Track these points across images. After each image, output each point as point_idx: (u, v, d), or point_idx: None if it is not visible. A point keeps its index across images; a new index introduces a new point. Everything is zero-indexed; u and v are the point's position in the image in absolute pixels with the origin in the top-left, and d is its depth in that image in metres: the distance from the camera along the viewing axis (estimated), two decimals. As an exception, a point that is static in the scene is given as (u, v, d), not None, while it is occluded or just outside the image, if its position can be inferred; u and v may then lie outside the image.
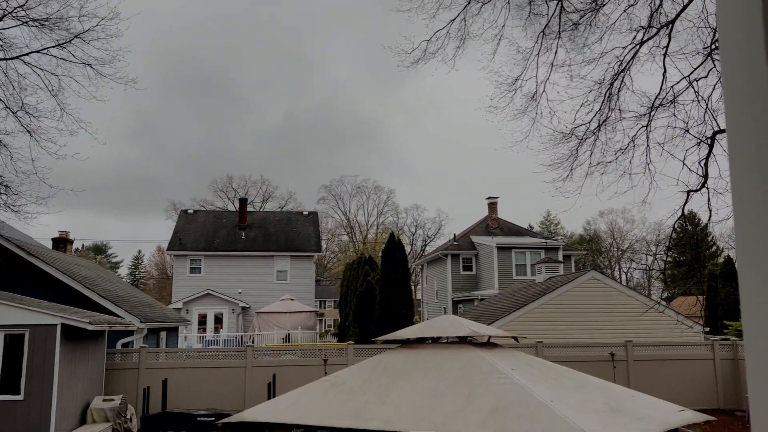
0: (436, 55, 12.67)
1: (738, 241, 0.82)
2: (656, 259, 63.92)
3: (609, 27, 12.17)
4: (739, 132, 0.83)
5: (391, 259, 26.15)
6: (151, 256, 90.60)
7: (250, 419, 4.96)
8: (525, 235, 42.41)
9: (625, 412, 4.30)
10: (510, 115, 13.63)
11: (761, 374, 0.77)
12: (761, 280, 0.77)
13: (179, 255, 39.92)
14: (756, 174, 0.80)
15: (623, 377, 16.49)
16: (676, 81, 11.89)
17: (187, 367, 15.90)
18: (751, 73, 0.80)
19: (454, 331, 5.52)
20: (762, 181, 0.79)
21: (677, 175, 15.91)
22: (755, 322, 0.79)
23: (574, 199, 16.02)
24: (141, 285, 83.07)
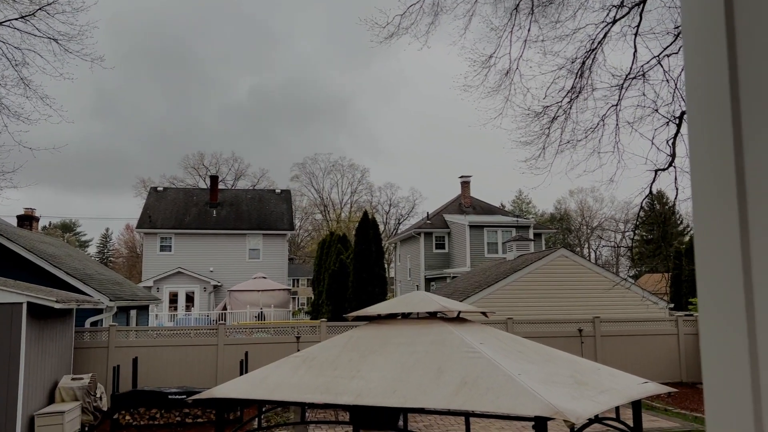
0: (409, 31, 12.57)
1: (695, 221, 0.83)
2: (624, 237, 65.13)
3: (582, 4, 12.21)
4: (698, 113, 0.84)
5: (365, 237, 26.17)
6: (120, 234, 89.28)
7: (220, 396, 4.96)
8: (497, 213, 42.81)
9: (590, 385, 4.42)
10: (484, 93, 13.66)
11: (714, 352, 0.79)
12: (716, 260, 0.79)
13: (149, 233, 39.39)
14: (712, 157, 0.81)
15: (591, 352, 16.88)
16: (646, 60, 12.02)
17: (158, 345, 15.79)
18: (710, 57, 0.81)
19: (424, 306, 5.58)
20: (718, 163, 0.80)
21: (646, 153, 16.16)
22: (710, 302, 0.81)
23: (544, 177, 16.18)
24: (110, 263, 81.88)
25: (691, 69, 0.86)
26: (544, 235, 40.20)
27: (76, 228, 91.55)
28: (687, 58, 0.88)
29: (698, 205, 0.83)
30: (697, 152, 0.83)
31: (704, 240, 0.82)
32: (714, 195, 0.82)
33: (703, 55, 0.84)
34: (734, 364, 0.76)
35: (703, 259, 0.82)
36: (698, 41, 0.84)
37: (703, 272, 0.82)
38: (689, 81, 0.87)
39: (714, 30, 0.81)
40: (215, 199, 42.36)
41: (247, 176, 73.93)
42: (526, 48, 12.54)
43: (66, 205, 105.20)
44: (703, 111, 0.83)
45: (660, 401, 15.00)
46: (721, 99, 0.80)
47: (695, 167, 0.84)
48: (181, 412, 13.06)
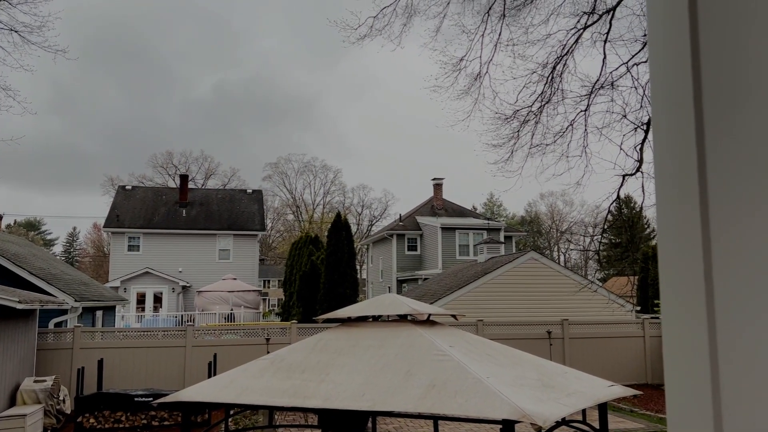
0: (382, 32, 12.57)
1: (659, 226, 0.84)
2: (593, 240, 66.20)
3: (553, 10, 12.37)
4: (662, 120, 0.85)
5: (337, 238, 26.10)
6: (87, 233, 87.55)
7: (186, 399, 4.88)
8: (468, 216, 43.11)
9: (558, 388, 4.46)
10: (454, 95, 13.75)
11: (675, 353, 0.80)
12: (678, 262, 0.79)
13: (117, 232, 38.69)
14: (674, 162, 0.82)
15: (559, 354, 17.09)
16: (615, 67, 12.24)
17: (124, 347, 15.50)
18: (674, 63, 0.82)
19: (394, 309, 5.58)
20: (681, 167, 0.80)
21: (615, 159, 16.43)
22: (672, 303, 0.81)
23: (515, 180, 16.33)
24: (76, 263, 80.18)
25: (656, 76, 0.87)
26: (514, 238, 40.61)
27: (41, 226, 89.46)
28: (652, 65, 0.88)
29: (662, 209, 0.84)
30: (661, 158, 0.84)
31: (667, 243, 0.83)
32: (676, 199, 0.82)
33: (668, 63, 0.84)
34: (695, 365, 0.76)
35: (666, 262, 0.82)
36: (663, 49, 0.85)
37: (666, 274, 0.83)
38: (654, 87, 0.88)
39: (678, 38, 0.82)
40: (185, 198, 41.80)
41: (217, 175, 73.21)
42: (497, 52, 12.67)
43: (25, 202, 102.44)
44: (667, 116, 0.84)
45: (626, 403, 15.25)
46: (685, 106, 0.81)
47: (659, 171, 0.85)
48: (147, 415, 12.83)
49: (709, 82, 0.79)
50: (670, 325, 0.80)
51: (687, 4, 0.81)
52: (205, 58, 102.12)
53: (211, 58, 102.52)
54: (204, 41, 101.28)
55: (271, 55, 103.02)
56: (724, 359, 0.74)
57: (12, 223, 78.48)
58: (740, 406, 0.70)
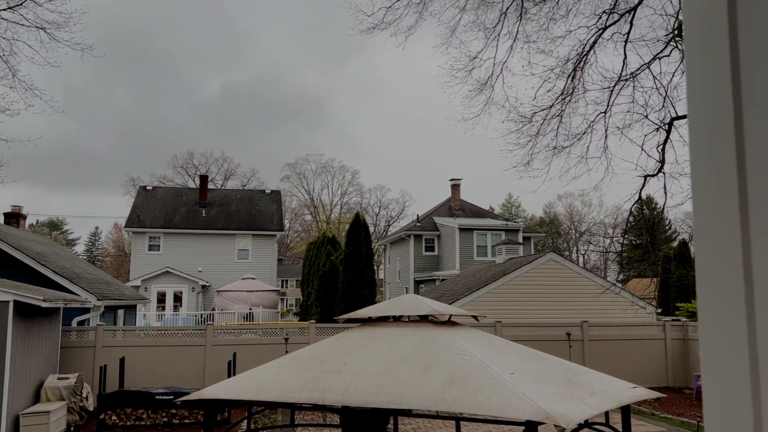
0: (392, 26, 12.45)
1: (695, 225, 0.83)
2: (613, 241, 65.49)
3: (572, 10, 12.27)
4: (699, 118, 0.84)
5: (356, 238, 26.13)
6: (108, 233, 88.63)
7: (209, 397, 4.92)
8: (486, 216, 42.91)
9: (582, 385, 4.42)
10: (469, 95, 13.66)
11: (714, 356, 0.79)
12: (716, 264, 0.79)
13: (138, 232, 39.13)
14: (713, 159, 0.81)
15: (579, 356, 16.95)
16: (637, 67, 12.10)
17: (145, 345, 15.67)
18: (713, 60, 0.81)
19: (415, 309, 5.57)
20: (719, 167, 0.80)
21: (636, 159, 16.30)
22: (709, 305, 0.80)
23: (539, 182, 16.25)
24: (98, 262, 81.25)
25: (693, 70, 0.86)
26: (533, 239, 40.33)
27: (63, 226, 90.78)
28: (688, 59, 0.87)
29: (699, 208, 0.83)
30: (698, 155, 0.83)
31: (704, 242, 0.82)
32: (715, 197, 0.81)
33: (705, 56, 0.83)
34: (734, 368, 0.75)
35: (704, 262, 0.81)
36: (700, 42, 0.84)
37: (704, 275, 0.82)
38: (690, 83, 0.87)
39: (716, 30, 0.81)
40: (204, 198, 42.16)
41: (236, 176, 73.69)
42: (514, 52, 12.58)
43: (45, 203, 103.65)
44: (704, 113, 0.83)
45: (647, 406, 15.08)
46: (724, 101, 0.80)
47: (696, 170, 0.84)
48: (168, 413, 12.96)
49: (748, 75, 0.78)
50: (708, 328, 0.79)
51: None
52: (213, 59, 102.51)
53: (219, 59, 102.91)
54: (211, 42, 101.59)
55: (280, 55, 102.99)
56: (765, 363, 0.73)
57: (35, 223, 79.80)
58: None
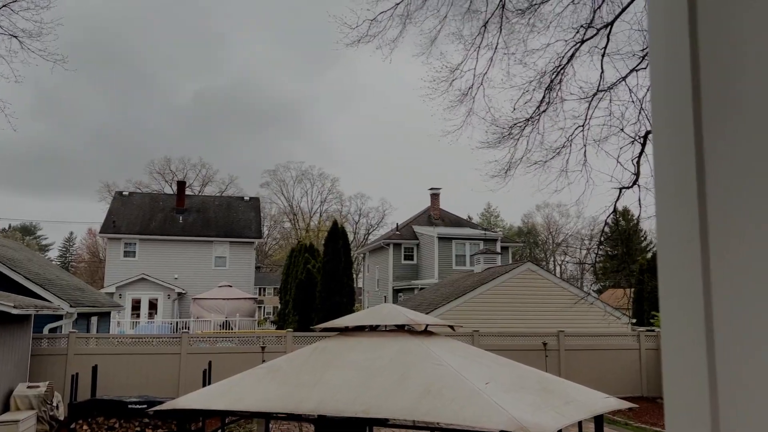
0: (377, 38, 12.56)
1: (659, 236, 0.85)
2: (589, 252, 66.28)
3: (551, 24, 12.45)
4: (662, 133, 0.87)
5: (334, 247, 26.08)
6: (83, 238, 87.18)
7: (182, 407, 4.86)
8: (465, 226, 43.13)
9: (556, 393, 4.45)
10: (450, 106, 13.77)
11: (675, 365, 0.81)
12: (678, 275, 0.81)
13: (113, 238, 38.58)
14: (675, 174, 0.83)
15: (555, 366, 17.07)
16: (613, 81, 12.31)
17: (119, 353, 15.43)
18: (675, 77, 0.84)
19: (392, 319, 5.57)
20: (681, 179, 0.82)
21: (611, 172, 16.53)
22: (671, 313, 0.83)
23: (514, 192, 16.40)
24: (72, 268, 79.86)
25: (657, 89, 0.89)
26: (511, 249, 40.61)
27: (37, 231, 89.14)
28: (653, 78, 0.90)
29: (661, 221, 0.85)
30: (661, 169, 0.86)
31: (666, 255, 0.84)
32: (675, 208, 0.84)
33: (668, 75, 0.86)
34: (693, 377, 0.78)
35: (665, 274, 0.84)
36: (663, 62, 0.87)
37: (666, 287, 0.84)
38: (654, 100, 0.90)
39: (678, 51, 0.84)
40: (182, 205, 41.74)
41: (214, 182, 73.13)
42: (493, 64, 12.72)
43: (16, 207, 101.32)
44: (667, 128, 0.86)
45: (621, 415, 15.22)
46: (684, 115, 0.83)
47: (659, 183, 0.87)
48: (140, 422, 12.75)
49: (708, 92, 0.81)
50: (669, 336, 0.82)
51: (687, 19, 0.83)
52: (188, 64, 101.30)
53: (194, 64, 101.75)
54: (187, 46, 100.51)
55: (257, 61, 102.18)
56: (723, 372, 0.75)
57: (7, 228, 78.25)
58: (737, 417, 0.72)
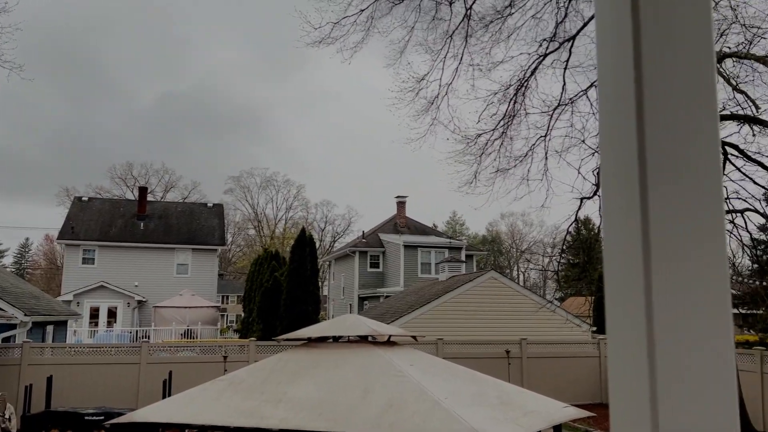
0: (339, 41, 12.52)
1: (605, 246, 0.89)
2: (551, 260, 67.35)
3: (515, 37, 12.68)
4: (607, 147, 0.90)
5: (301, 254, 25.93)
6: (39, 244, 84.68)
7: (140, 419, 4.76)
8: (431, 234, 43.38)
9: (515, 406, 4.52)
10: (416, 115, 13.88)
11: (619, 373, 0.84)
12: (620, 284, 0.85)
13: (71, 244, 37.61)
14: (616, 184, 0.87)
15: (517, 373, 17.26)
16: (575, 93, 12.59)
17: (75, 363, 15.02)
18: (619, 92, 0.88)
19: (355, 330, 5.57)
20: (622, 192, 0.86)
21: (573, 182, 16.86)
22: (616, 323, 0.86)
23: (480, 201, 16.60)
24: (27, 275, 77.47)
25: (604, 103, 0.93)
26: (475, 257, 40.99)
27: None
28: (601, 100, 0.94)
29: (607, 233, 0.89)
30: (608, 189, 0.89)
31: (612, 266, 0.87)
32: (621, 220, 0.87)
33: (614, 98, 0.90)
34: (636, 378, 0.81)
35: (611, 285, 0.87)
36: (610, 88, 0.91)
37: (611, 297, 0.87)
38: (601, 114, 0.94)
39: (624, 84, 0.88)
40: (143, 211, 40.96)
41: (177, 188, 72.02)
42: (459, 75, 12.89)
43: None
44: (608, 145, 0.90)
45: (581, 422, 15.47)
46: (629, 137, 0.87)
47: (606, 201, 0.90)
48: (97, 435, 12.42)
49: (651, 115, 0.85)
50: (614, 346, 0.85)
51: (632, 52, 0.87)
52: (149, 67, 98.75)
53: (155, 67, 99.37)
54: (148, 50, 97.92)
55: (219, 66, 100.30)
56: (662, 376, 0.79)
57: (-41, 233, 75.54)
58: (674, 415, 0.76)
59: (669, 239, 0.80)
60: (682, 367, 0.77)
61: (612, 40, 0.89)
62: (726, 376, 0.78)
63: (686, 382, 0.76)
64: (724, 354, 0.79)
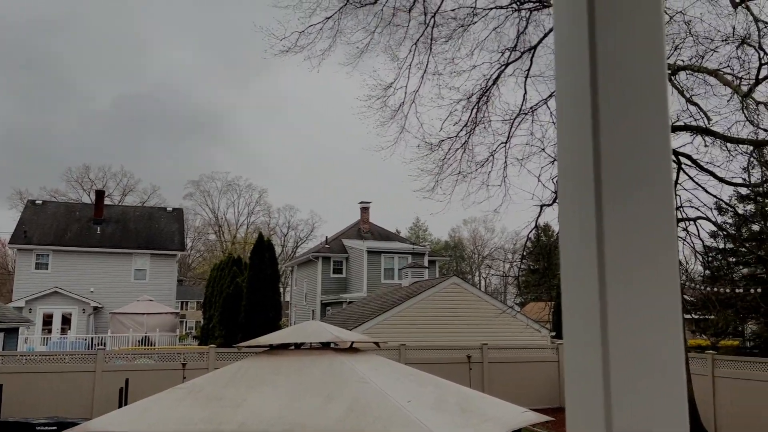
0: (306, 49, 12.60)
1: (562, 253, 0.91)
2: (512, 266, 68.22)
3: (477, 45, 12.85)
4: (564, 156, 0.92)
5: (260, 260, 25.66)
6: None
7: (95, 429, 4.63)
8: (394, 240, 43.48)
9: (476, 413, 4.56)
10: (380, 121, 13.96)
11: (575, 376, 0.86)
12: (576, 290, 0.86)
13: (23, 249, 36.42)
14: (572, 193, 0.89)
15: (478, 379, 17.41)
16: (536, 102, 12.82)
17: (27, 372, 14.53)
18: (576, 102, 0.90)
19: (317, 337, 5.54)
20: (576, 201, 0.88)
21: (533, 189, 17.15)
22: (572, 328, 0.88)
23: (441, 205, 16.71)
24: (-24, 281, 74.59)
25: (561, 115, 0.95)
26: (438, 263, 41.26)
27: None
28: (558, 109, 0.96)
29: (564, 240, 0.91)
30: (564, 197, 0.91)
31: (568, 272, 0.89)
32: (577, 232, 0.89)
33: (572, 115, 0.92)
34: (590, 385, 0.83)
35: (568, 291, 0.89)
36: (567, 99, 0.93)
37: (568, 303, 0.89)
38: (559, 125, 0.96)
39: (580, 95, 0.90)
40: (100, 215, 39.94)
41: (136, 192, 70.48)
42: (424, 82, 13.01)
43: None
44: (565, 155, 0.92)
45: (540, 427, 15.70)
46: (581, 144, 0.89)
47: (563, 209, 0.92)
48: (49, 446, 12.03)
49: (606, 129, 0.87)
50: (571, 347, 0.87)
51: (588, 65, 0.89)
52: (106, 68, 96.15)
53: (115, 70, 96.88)
54: (107, 52, 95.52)
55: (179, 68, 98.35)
56: (616, 378, 0.81)
57: None
58: (627, 417, 0.78)
59: (623, 246, 0.82)
60: (636, 370, 0.79)
61: (569, 52, 0.92)
62: (676, 379, 0.80)
63: (639, 385, 0.79)
64: (674, 358, 0.81)
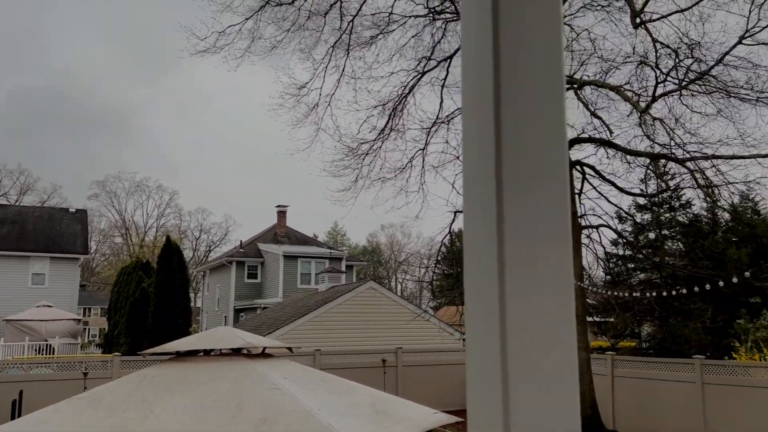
0: (224, 50, 12.43)
1: (465, 256, 0.93)
2: (427, 270, 69.45)
3: (396, 53, 13.03)
4: (469, 163, 0.95)
5: (169, 264, 24.75)
6: None
7: (-18, 445, 4.28)
8: (312, 244, 43.19)
9: (389, 414, 4.60)
10: (298, 123, 13.87)
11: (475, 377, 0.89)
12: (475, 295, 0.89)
13: None
14: (476, 198, 0.92)
15: (393, 382, 17.57)
16: (451, 111, 13.14)
17: None
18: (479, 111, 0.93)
19: (227, 342, 5.40)
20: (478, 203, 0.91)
21: (447, 196, 17.56)
22: (473, 329, 0.91)
23: (353, 210, 16.78)
24: None
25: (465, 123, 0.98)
26: (355, 267, 41.35)
27: None
28: (464, 119, 0.99)
29: (468, 244, 0.93)
30: (469, 203, 0.94)
31: (471, 274, 0.92)
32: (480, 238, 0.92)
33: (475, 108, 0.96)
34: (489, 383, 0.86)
35: (470, 292, 0.92)
36: (472, 109, 0.96)
37: (470, 305, 0.92)
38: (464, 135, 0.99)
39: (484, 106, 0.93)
40: (-6, 215, 37.23)
41: (35, 191, 66.17)
42: (341, 85, 13.06)
43: None
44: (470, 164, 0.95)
45: (451, 427, 16.05)
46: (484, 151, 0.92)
47: (467, 214, 0.95)
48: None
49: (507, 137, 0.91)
50: (472, 348, 0.90)
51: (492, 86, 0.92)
52: (2, 57, 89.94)
53: (8, 59, 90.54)
54: (1, 38, 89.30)
55: (83, 62, 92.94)
56: (513, 378, 0.84)
57: None
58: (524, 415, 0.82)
59: (521, 249, 0.86)
60: (532, 370, 0.83)
61: (474, 64, 0.95)
62: (570, 378, 0.85)
63: (535, 384, 0.82)
64: (568, 358, 0.86)
